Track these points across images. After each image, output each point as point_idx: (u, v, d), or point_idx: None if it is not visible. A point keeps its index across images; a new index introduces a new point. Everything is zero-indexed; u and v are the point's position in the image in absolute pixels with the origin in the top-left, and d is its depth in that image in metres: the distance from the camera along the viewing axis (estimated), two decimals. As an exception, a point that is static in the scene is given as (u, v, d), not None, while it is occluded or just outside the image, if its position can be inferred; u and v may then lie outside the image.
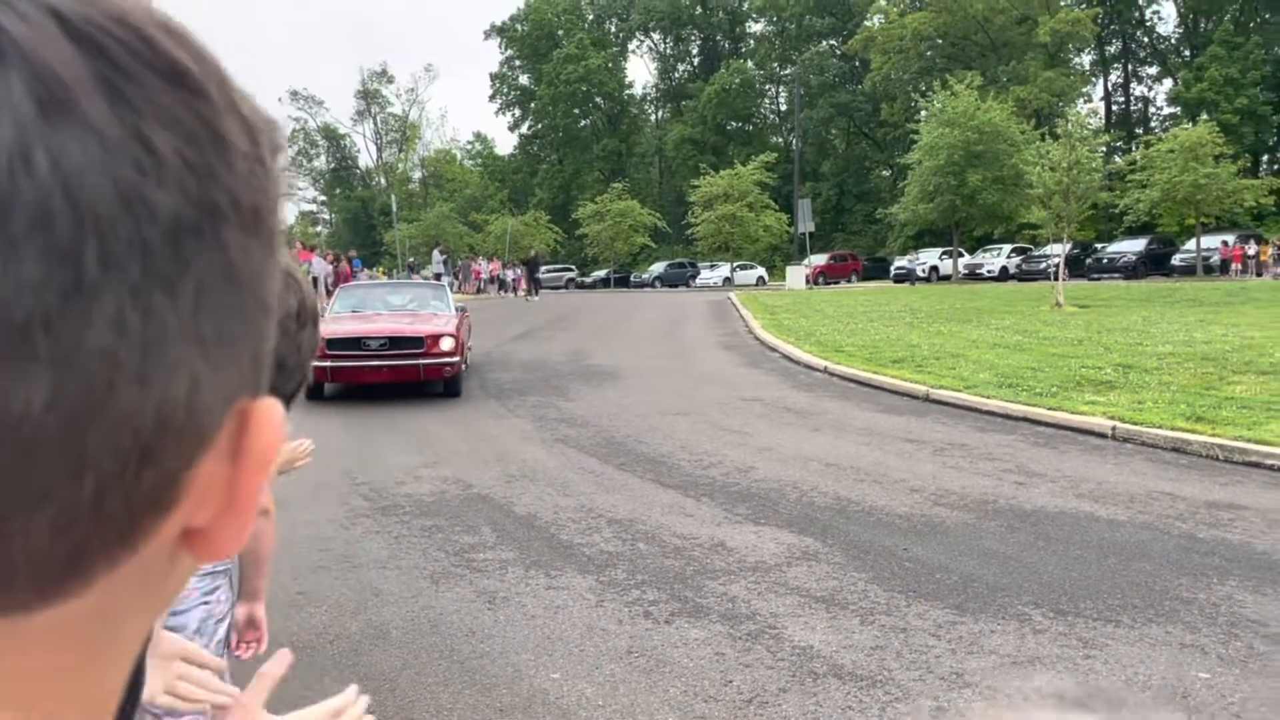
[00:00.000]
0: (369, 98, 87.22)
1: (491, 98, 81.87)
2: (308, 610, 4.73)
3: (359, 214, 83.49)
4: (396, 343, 11.29)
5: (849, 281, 46.07)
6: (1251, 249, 35.67)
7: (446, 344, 11.29)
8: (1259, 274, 34.16)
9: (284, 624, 4.39)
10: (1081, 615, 4.46)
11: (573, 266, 59.48)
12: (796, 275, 39.32)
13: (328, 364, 11.03)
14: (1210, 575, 4.95)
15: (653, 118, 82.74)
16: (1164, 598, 4.66)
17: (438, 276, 42.04)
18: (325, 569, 5.38)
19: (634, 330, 20.85)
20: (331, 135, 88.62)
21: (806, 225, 40.22)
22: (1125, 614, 4.46)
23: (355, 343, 11.24)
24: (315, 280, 24.30)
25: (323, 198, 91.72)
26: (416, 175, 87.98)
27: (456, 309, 13.19)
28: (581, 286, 55.69)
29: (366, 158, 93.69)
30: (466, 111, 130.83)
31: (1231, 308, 18.95)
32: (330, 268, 25.61)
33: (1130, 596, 4.68)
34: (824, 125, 66.28)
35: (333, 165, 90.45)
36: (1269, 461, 7.28)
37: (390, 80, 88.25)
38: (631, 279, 54.48)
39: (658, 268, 54.56)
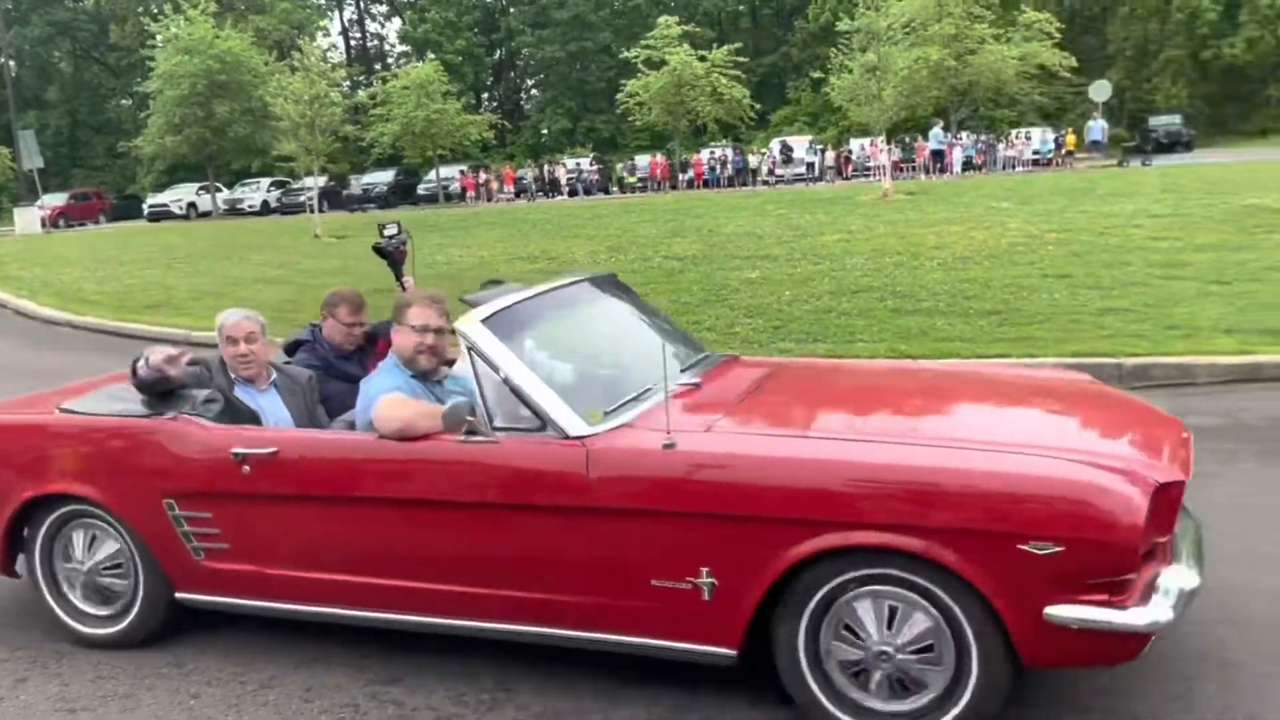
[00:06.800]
0: None
1: None
2: None
3: None
4: None
5: (97, 223, 41.67)
6: (483, 177, 40.49)
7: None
8: (490, 199, 38.95)
9: None
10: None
11: None
12: (29, 218, 34.37)
13: None
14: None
15: None
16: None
17: None
18: None
19: None
20: None
21: (34, 161, 35.08)
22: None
23: None
24: None
25: None
26: None
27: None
28: None
29: None
30: None
31: (467, 230, 21.36)
32: None
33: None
34: (43, 46, 58.15)
35: None
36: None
37: None
38: None
39: None
